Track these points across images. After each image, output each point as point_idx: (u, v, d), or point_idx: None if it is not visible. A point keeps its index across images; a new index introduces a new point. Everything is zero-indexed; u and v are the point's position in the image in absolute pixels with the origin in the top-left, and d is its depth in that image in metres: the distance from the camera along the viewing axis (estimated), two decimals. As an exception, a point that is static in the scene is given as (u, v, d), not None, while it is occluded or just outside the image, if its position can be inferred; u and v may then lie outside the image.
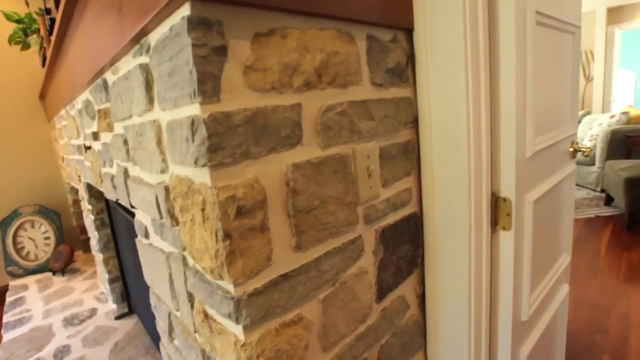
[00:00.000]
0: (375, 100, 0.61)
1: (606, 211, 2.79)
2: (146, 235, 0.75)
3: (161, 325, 0.81)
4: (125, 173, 0.77)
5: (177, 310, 0.69)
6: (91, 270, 2.21)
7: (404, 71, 0.67)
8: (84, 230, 2.45)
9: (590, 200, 2.97)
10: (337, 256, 0.56)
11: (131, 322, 1.60)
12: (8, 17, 1.87)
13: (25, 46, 1.97)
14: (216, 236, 0.42)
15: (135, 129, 0.61)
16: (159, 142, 0.53)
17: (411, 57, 0.67)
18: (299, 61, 0.48)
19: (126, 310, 1.68)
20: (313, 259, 0.52)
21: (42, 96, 2.23)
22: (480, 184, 0.69)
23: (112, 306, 1.73)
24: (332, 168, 0.53)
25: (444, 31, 0.62)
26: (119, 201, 0.91)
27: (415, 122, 0.71)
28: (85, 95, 1.01)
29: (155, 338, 1.35)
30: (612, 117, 3.21)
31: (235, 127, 0.41)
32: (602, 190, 3.00)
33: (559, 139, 0.91)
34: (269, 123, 0.45)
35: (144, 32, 0.49)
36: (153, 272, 0.77)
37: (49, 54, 1.40)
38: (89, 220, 1.69)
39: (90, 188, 1.58)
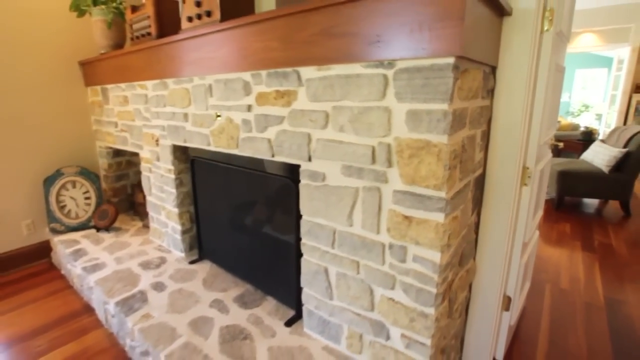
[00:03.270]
0: (482, 106, 1.09)
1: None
2: (323, 179, 1.15)
3: (323, 242, 1.21)
4: (308, 136, 1.15)
5: (349, 225, 1.11)
6: (134, 228, 2.40)
7: (492, 90, 1.16)
8: (116, 193, 2.60)
9: (528, 188, 3.85)
10: (466, 189, 1.04)
11: (206, 265, 1.91)
12: (75, -15, 1.96)
13: (81, 13, 2.07)
14: (443, 168, 0.87)
15: (353, 110, 1.01)
16: (388, 119, 0.95)
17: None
18: (473, 84, 0.94)
19: (197, 257, 1.98)
20: (464, 185, 0.99)
21: (84, 62, 2.32)
22: (520, 158, 1.22)
23: (178, 255, 2.01)
24: (471, 141, 1.01)
25: (513, 71, 1.12)
26: (275, 158, 1.28)
27: (489, 121, 1.21)
28: (236, 75, 1.33)
29: (239, 273, 1.72)
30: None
31: (458, 115, 0.87)
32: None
33: (549, 136, 1.49)
34: (470, 116, 0.91)
35: (392, 58, 0.90)
36: (322, 206, 1.17)
37: (154, 34, 1.63)
38: (165, 179, 1.93)
39: (175, 150, 1.83)
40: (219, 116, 1.46)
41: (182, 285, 1.72)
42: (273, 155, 1.29)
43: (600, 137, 5.66)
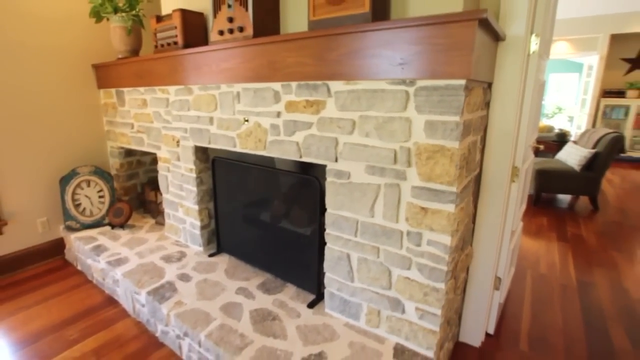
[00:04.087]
0: (481, 116, 1.31)
1: (519, 193, 4.03)
2: (348, 177, 1.34)
3: (346, 232, 1.40)
4: (335, 140, 1.33)
5: (371, 216, 1.31)
6: (147, 225, 2.51)
7: (488, 103, 1.38)
8: (127, 191, 2.69)
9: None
10: (469, 185, 1.26)
11: (225, 258, 2.06)
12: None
13: (100, 19, 2.17)
14: (455, 167, 1.08)
15: (378, 120, 1.20)
16: (408, 127, 1.14)
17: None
18: (477, 99, 1.15)
19: (214, 250, 2.12)
20: (468, 181, 1.21)
21: (98, 66, 2.40)
22: (510, 159, 1.45)
23: (197, 249, 2.15)
24: (473, 145, 1.23)
25: (505, 86, 1.35)
26: (303, 158, 1.45)
27: (486, 128, 1.43)
28: (266, 85, 1.50)
29: (259, 264, 1.89)
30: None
31: (466, 125, 1.07)
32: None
33: (532, 140, 1.74)
34: (473, 125, 1.12)
35: (414, 78, 1.10)
36: (346, 200, 1.36)
37: (180, 43, 1.77)
38: (185, 178, 2.06)
39: (197, 151, 1.97)
40: (246, 121, 1.62)
41: (206, 276, 1.86)
42: (301, 157, 1.46)
43: (573, 138, 6.11)
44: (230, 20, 1.52)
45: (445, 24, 1.00)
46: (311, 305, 1.61)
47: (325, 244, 1.50)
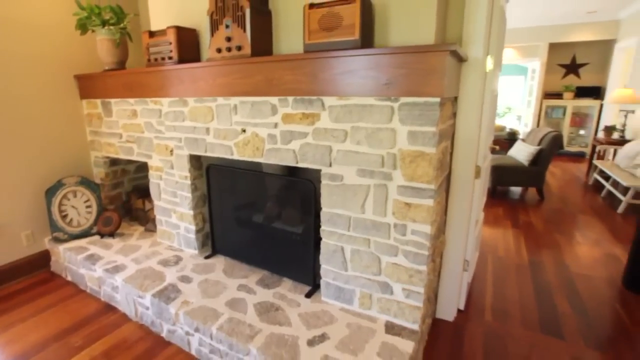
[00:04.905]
0: (450, 125, 1.57)
1: (478, 187, 4.48)
2: (341, 180, 1.54)
3: (340, 227, 1.60)
4: (329, 148, 1.53)
5: (362, 212, 1.52)
6: (137, 232, 2.54)
7: (455, 113, 1.65)
8: (112, 200, 2.70)
9: (469, 180, 4.63)
10: (443, 183, 1.51)
11: (221, 259, 2.18)
12: (82, 8, 2.09)
13: (85, 32, 2.20)
14: (433, 169, 1.32)
15: (368, 130, 1.42)
16: (394, 137, 1.37)
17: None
18: (448, 112, 1.41)
19: (210, 252, 2.24)
20: (442, 180, 1.46)
21: (80, 76, 2.41)
22: (474, 160, 1.73)
23: (192, 252, 2.25)
24: (445, 149, 1.48)
25: (468, 99, 1.62)
26: (299, 164, 1.63)
27: (453, 134, 1.70)
28: (264, 99, 1.66)
29: (255, 262, 2.03)
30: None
31: (440, 134, 1.32)
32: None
33: (490, 142, 2.05)
34: (445, 133, 1.37)
35: (398, 95, 1.32)
36: (340, 200, 1.56)
37: (175, 58, 1.88)
38: (180, 185, 2.16)
39: (192, 159, 2.08)
40: (244, 131, 1.77)
41: (206, 276, 1.98)
42: (297, 163, 1.64)
43: (521, 136, 6.79)
44: (229, 39, 1.67)
45: (423, 53, 1.24)
46: (308, 295, 1.80)
47: (320, 239, 1.69)
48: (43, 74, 2.30)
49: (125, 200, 2.79)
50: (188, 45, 1.94)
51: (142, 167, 2.90)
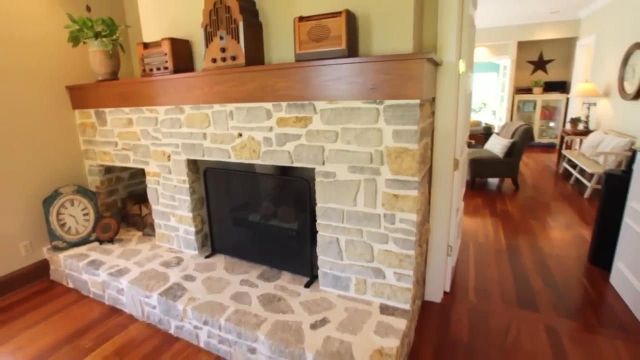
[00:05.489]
0: (430, 122, 1.75)
1: (458, 180, 4.73)
2: (334, 176, 1.68)
3: (334, 220, 1.74)
4: (322, 148, 1.67)
5: (354, 205, 1.67)
6: (135, 237, 2.61)
7: (434, 112, 1.82)
8: (108, 207, 2.75)
9: (450, 174, 4.87)
10: (425, 175, 1.68)
11: (221, 257, 2.29)
12: (74, 21, 2.15)
13: (77, 44, 2.26)
14: (416, 163, 1.48)
15: (356, 130, 1.57)
16: (380, 135, 1.52)
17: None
18: (427, 112, 1.58)
19: (209, 252, 2.34)
20: (424, 173, 1.63)
21: (72, 87, 2.46)
22: (452, 153, 1.91)
23: (192, 253, 2.34)
24: (426, 145, 1.65)
25: (445, 99, 1.80)
26: (294, 164, 1.77)
27: (433, 131, 1.87)
28: (259, 105, 1.79)
29: (254, 259, 2.16)
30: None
31: (421, 131, 1.48)
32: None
33: (466, 136, 2.25)
34: (426, 130, 1.54)
35: (382, 98, 1.48)
36: (333, 195, 1.71)
37: (171, 68, 1.98)
38: (178, 189, 2.25)
39: (189, 163, 2.17)
40: (240, 135, 1.89)
41: (208, 274, 2.08)
42: (292, 163, 1.78)
43: (496, 130, 7.14)
44: (223, 50, 1.78)
45: (404, 61, 1.40)
46: (307, 285, 1.93)
47: (316, 233, 1.84)
48: (34, 86, 2.34)
49: (121, 206, 2.84)
50: (182, 56, 2.04)
51: (136, 174, 2.96)
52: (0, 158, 2.21)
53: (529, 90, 7.17)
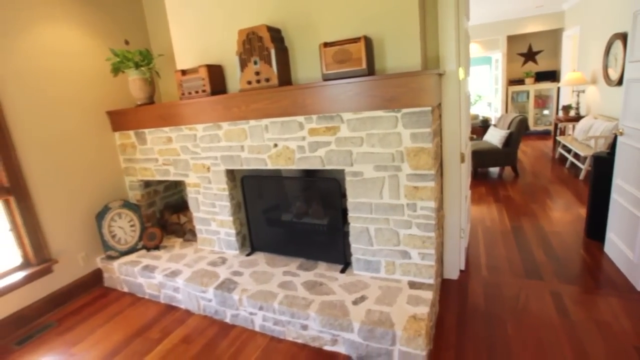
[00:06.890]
0: (439, 124, 2.04)
1: (461, 171, 5.03)
2: (362, 175, 1.97)
3: (364, 212, 2.03)
4: (350, 152, 1.96)
5: (381, 198, 1.96)
6: (177, 243, 2.89)
7: (441, 115, 2.12)
8: (148, 218, 3.03)
9: (452, 166, 5.17)
10: (439, 169, 1.98)
11: (260, 254, 2.57)
12: (116, 54, 2.44)
13: (117, 73, 2.55)
14: (431, 159, 1.77)
15: (379, 135, 1.86)
16: (400, 138, 1.82)
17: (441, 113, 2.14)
18: (436, 115, 1.87)
19: (249, 251, 2.62)
20: (437, 167, 1.92)
21: (111, 112, 2.75)
22: (459, 148, 2.21)
23: (233, 253, 2.63)
24: (438, 144, 1.95)
25: (449, 103, 2.10)
26: (326, 167, 2.06)
27: (441, 131, 2.17)
28: (292, 119, 2.08)
29: (291, 253, 2.44)
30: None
31: (433, 132, 1.78)
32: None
33: (468, 132, 2.54)
34: (436, 131, 1.83)
35: (400, 107, 1.78)
36: (362, 191, 1.99)
37: (208, 91, 2.27)
38: (218, 196, 2.53)
39: (228, 173, 2.46)
40: (276, 145, 2.18)
41: (253, 269, 2.37)
42: (324, 166, 2.07)
43: (493, 122, 7.45)
44: (257, 73, 2.08)
45: (416, 76, 1.69)
46: (342, 271, 2.22)
47: (348, 225, 2.12)
48: (78, 113, 2.63)
49: (159, 217, 3.12)
50: (216, 79, 2.33)
51: (169, 186, 3.24)
52: (58, 180, 2.50)
53: (521, 81, 7.49)
